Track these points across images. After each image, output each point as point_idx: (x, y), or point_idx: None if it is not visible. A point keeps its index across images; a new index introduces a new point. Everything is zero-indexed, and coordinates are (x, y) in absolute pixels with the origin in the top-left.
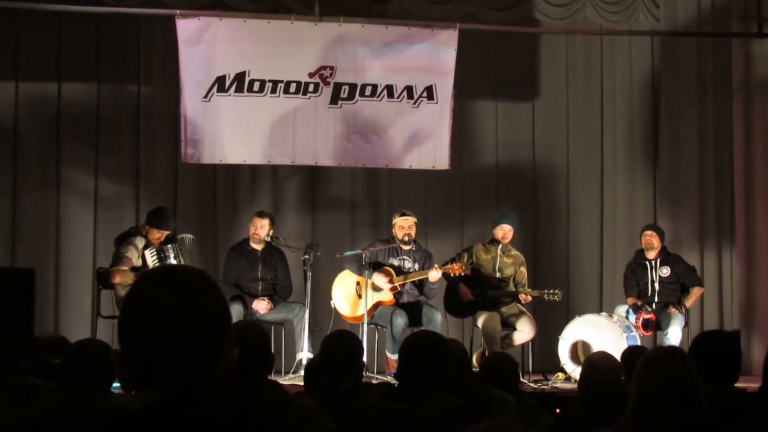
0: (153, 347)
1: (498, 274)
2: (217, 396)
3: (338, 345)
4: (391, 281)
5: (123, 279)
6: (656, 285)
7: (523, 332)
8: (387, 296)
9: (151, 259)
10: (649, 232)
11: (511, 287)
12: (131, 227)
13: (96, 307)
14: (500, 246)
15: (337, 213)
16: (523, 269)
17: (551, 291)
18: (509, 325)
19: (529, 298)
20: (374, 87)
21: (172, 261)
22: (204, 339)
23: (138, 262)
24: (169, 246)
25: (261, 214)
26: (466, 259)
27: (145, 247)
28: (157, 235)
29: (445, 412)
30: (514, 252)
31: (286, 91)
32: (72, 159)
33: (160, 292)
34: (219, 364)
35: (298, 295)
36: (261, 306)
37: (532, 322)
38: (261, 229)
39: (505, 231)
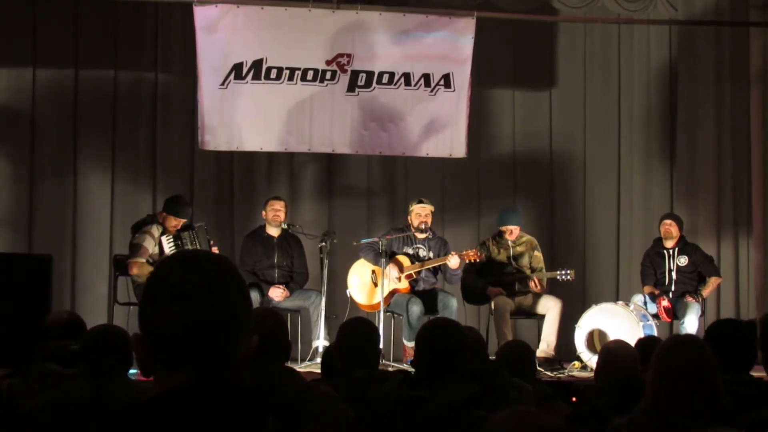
0: (173, 331)
1: (513, 261)
2: (235, 381)
3: (355, 332)
4: (401, 273)
5: (140, 271)
6: (673, 274)
7: (551, 310)
8: (403, 284)
9: (168, 247)
10: (668, 221)
11: (525, 272)
12: (148, 215)
13: (113, 293)
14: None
15: (353, 201)
16: (538, 253)
17: (563, 271)
18: (531, 314)
19: (538, 289)
20: (391, 75)
21: (190, 246)
22: (224, 324)
23: (155, 250)
24: (186, 233)
25: (277, 198)
26: (484, 254)
27: (162, 234)
28: (174, 222)
29: (462, 399)
30: (525, 238)
31: (304, 78)
32: (89, 146)
33: (182, 276)
34: (238, 349)
35: (314, 283)
36: (276, 294)
37: (552, 298)
38: (280, 212)
39: (511, 230)
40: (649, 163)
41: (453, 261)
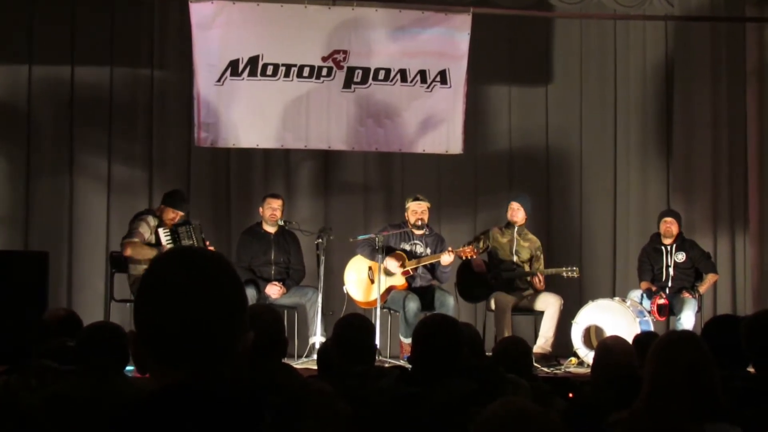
0: (169, 329)
1: (515, 257)
2: (232, 378)
3: (350, 328)
4: (402, 265)
5: (134, 251)
6: (671, 270)
7: (549, 307)
8: (399, 280)
9: (165, 238)
10: (668, 219)
11: (526, 269)
12: (145, 209)
13: (109, 290)
14: (516, 229)
15: (350, 197)
16: (540, 254)
17: (569, 268)
18: (530, 310)
19: (540, 286)
20: (387, 71)
21: (185, 242)
22: (220, 321)
23: (151, 239)
24: (183, 228)
25: (274, 196)
26: (483, 242)
27: (159, 226)
28: (172, 215)
29: (460, 395)
30: (531, 236)
31: (300, 75)
32: (85, 143)
33: (177, 274)
34: (235, 346)
35: (310, 279)
36: (273, 291)
37: (552, 295)
38: (277, 211)
39: (513, 210)
40: (646, 158)
41: (445, 258)
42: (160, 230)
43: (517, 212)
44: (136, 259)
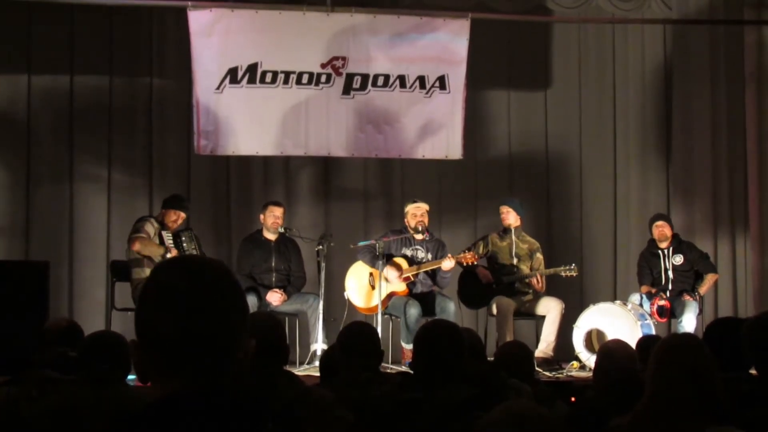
0: (170, 336)
1: (515, 260)
2: (234, 386)
3: (358, 334)
4: (401, 274)
5: (142, 246)
6: (670, 273)
7: (551, 311)
8: (400, 287)
9: (168, 241)
10: (660, 223)
11: (526, 272)
12: (147, 214)
13: (110, 299)
14: (513, 232)
15: (350, 203)
16: (539, 255)
17: (567, 267)
18: (531, 314)
19: (539, 286)
20: (386, 77)
21: (187, 246)
22: (221, 329)
23: (155, 240)
24: (186, 233)
25: (277, 203)
26: (482, 248)
27: (162, 230)
28: (174, 216)
29: (462, 401)
30: (529, 238)
31: (299, 82)
32: (85, 151)
33: (178, 281)
34: (236, 354)
35: (311, 286)
36: (274, 298)
37: (553, 299)
38: (279, 219)
39: (503, 213)
40: (645, 162)
41: (446, 264)
42: (164, 233)
43: (507, 215)
44: (141, 259)
